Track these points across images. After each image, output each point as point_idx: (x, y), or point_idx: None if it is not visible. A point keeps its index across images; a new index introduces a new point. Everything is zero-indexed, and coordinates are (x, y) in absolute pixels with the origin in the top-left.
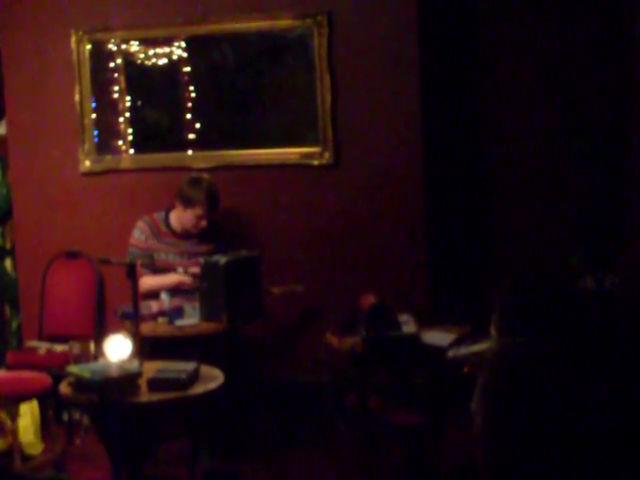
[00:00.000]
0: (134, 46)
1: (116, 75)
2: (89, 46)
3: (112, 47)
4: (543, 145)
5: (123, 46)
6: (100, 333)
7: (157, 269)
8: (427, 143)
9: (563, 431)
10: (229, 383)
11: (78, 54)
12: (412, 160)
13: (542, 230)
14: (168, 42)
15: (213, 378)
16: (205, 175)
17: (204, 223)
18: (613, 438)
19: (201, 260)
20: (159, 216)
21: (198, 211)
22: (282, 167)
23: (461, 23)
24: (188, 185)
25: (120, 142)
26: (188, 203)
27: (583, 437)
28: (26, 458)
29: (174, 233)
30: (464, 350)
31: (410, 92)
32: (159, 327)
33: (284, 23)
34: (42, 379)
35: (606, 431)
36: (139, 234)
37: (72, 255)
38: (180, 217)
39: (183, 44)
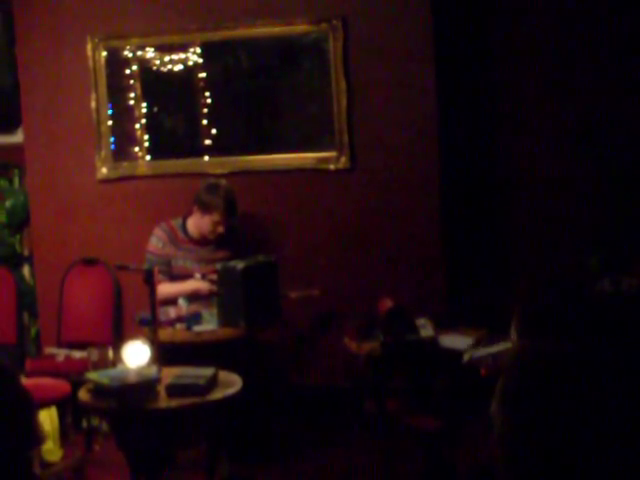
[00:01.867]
0: (150, 52)
1: (132, 82)
2: (105, 53)
3: (128, 54)
4: (561, 146)
5: (139, 53)
6: (118, 339)
7: (175, 276)
8: (443, 146)
9: (583, 435)
10: (247, 388)
11: (94, 61)
12: (428, 163)
13: (559, 232)
14: (183, 48)
15: (231, 383)
16: (223, 181)
17: (222, 229)
18: (635, 443)
19: (218, 266)
20: (176, 223)
21: (216, 217)
22: (298, 172)
23: (476, 24)
24: (206, 191)
25: (136, 149)
26: (206, 209)
27: (604, 441)
28: (45, 465)
29: (191, 239)
30: (481, 352)
31: (426, 95)
32: (177, 333)
33: (299, 28)
34: (61, 386)
35: (628, 435)
36: (156, 241)
37: (90, 262)
38: (198, 223)
39: (198, 50)
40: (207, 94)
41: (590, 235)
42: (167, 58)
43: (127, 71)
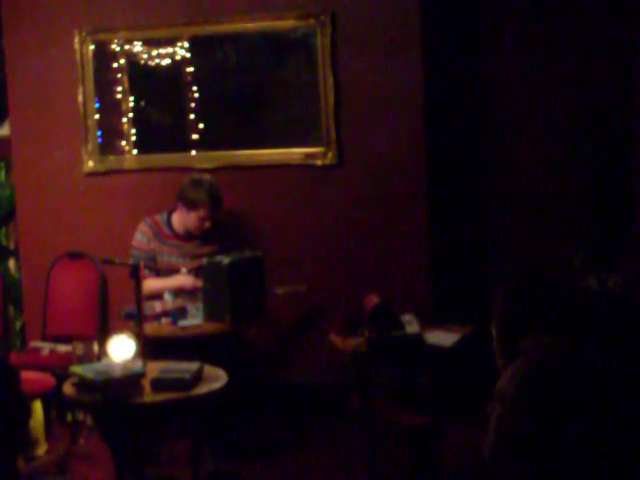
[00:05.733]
0: (137, 46)
1: (119, 75)
2: (92, 46)
3: (115, 47)
4: (546, 144)
5: (126, 46)
6: (103, 333)
7: (160, 271)
8: (430, 143)
9: (576, 430)
10: (232, 383)
11: (81, 54)
12: (416, 160)
13: (545, 230)
14: (171, 42)
15: (217, 378)
16: (206, 175)
17: (208, 224)
18: (628, 437)
19: (204, 261)
20: (161, 218)
21: (202, 213)
22: (285, 167)
23: (465, 23)
24: (190, 187)
25: (123, 142)
26: (191, 205)
27: (597, 437)
28: (30, 458)
29: (176, 235)
30: None
31: (413, 91)
32: (163, 327)
33: (287, 23)
34: (45, 379)
35: (620, 430)
36: (141, 236)
37: (76, 255)
38: (183, 219)
39: (186, 44)
40: (195, 89)
41: (576, 233)
42: (155, 52)
43: (114, 65)
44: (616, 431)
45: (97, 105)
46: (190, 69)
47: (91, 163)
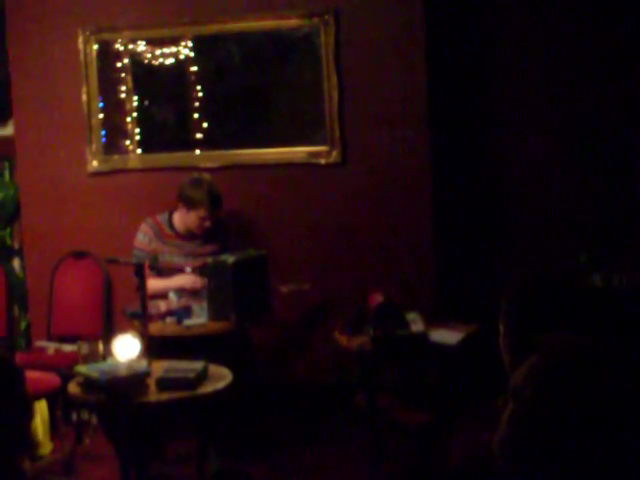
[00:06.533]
0: (141, 46)
1: (123, 75)
2: (96, 46)
3: (119, 47)
4: (551, 143)
5: (130, 46)
6: (108, 333)
7: (163, 271)
8: (434, 141)
9: (581, 430)
10: (237, 382)
11: (85, 54)
12: (419, 158)
13: (550, 228)
14: (175, 42)
15: (221, 377)
16: (205, 175)
17: (208, 224)
18: (631, 439)
19: (208, 260)
20: (162, 218)
21: (201, 213)
22: (289, 166)
23: (469, 21)
24: (189, 187)
25: (127, 142)
26: (191, 205)
27: (614, 439)
28: (35, 458)
29: (178, 234)
30: None
31: (417, 90)
32: (167, 327)
33: (291, 22)
34: (51, 379)
35: (625, 430)
36: (143, 237)
37: (80, 255)
38: (184, 218)
39: (190, 44)
40: (198, 88)
41: (580, 232)
42: (159, 51)
43: (118, 64)
44: (636, 432)
45: (101, 104)
46: (194, 68)
47: (95, 163)
